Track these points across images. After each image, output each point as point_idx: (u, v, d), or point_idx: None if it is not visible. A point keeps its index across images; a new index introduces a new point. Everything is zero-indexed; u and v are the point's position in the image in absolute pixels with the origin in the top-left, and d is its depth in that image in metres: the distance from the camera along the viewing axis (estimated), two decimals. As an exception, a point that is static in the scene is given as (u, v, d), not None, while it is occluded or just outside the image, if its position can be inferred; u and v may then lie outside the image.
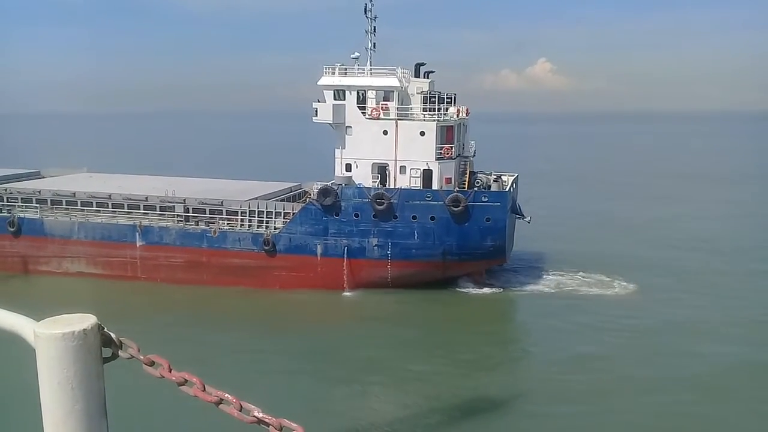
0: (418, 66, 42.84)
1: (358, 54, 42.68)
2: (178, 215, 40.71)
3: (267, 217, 39.66)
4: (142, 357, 2.06)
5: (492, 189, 39.62)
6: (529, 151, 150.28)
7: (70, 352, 1.89)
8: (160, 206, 41.19)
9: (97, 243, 41.22)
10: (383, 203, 37.24)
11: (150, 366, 2.07)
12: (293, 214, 39.04)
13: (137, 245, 40.70)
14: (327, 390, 26.94)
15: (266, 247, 38.60)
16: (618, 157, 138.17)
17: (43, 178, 50.81)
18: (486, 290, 39.34)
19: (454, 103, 42.46)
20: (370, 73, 41.68)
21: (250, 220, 39.77)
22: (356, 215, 37.88)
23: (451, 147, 39.74)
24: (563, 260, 44.94)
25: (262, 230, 39.23)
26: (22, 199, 42.98)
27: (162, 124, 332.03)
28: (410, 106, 40.65)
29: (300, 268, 38.50)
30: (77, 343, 1.90)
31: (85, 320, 1.97)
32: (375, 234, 37.86)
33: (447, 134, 40.32)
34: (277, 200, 41.62)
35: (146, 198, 41.73)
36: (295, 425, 1.83)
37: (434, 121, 39.38)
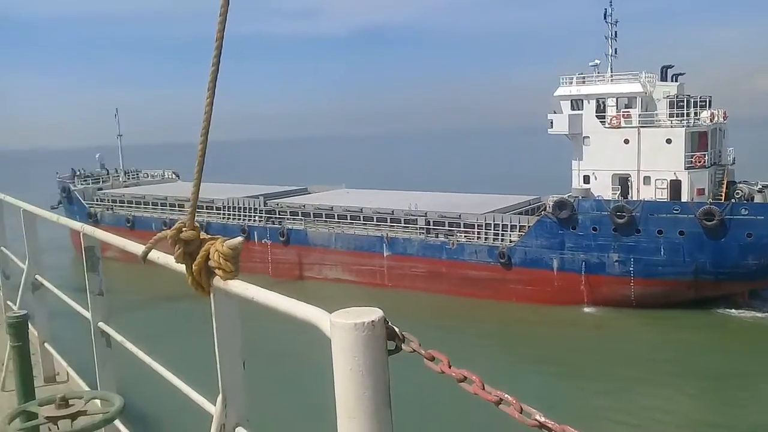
0: (664, 68, 40.02)
1: (598, 61, 41.32)
2: (420, 228, 43.14)
3: (503, 230, 40.12)
4: (423, 351, 2.09)
5: (755, 201, 35.27)
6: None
7: (361, 342, 2.00)
8: (405, 219, 44.06)
9: (351, 252, 45.42)
10: (624, 216, 35.36)
11: (431, 361, 2.10)
12: (528, 227, 38.98)
13: (384, 255, 44.00)
14: (576, 403, 25.93)
15: (501, 260, 39.07)
16: None
17: (309, 194, 57.47)
18: (753, 314, 34.94)
19: (709, 106, 38.79)
20: (611, 80, 39.98)
21: (486, 233, 40.60)
22: (594, 229, 36.52)
23: (704, 155, 36.29)
24: None
25: (498, 243, 39.80)
26: (290, 212, 49.20)
27: (416, 144, 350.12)
28: (655, 112, 38.08)
29: (536, 282, 38.23)
30: (367, 333, 2.01)
31: (373, 313, 2.07)
32: (615, 249, 36.07)
33: (699, 141, 36.94)
34: (513, 213, 41.90)
35: (392, 212, 44.96)
36: None
37: (683, 127, 36.36)
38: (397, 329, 2.11)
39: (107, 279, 5.55)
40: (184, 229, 2.91)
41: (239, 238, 2.91)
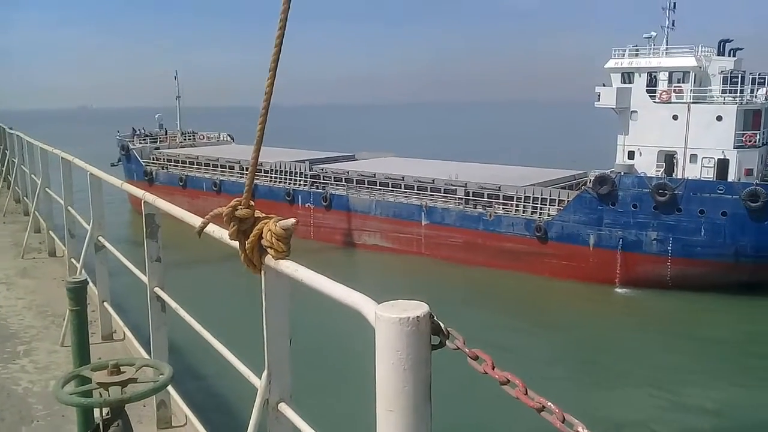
0: (722, 42, 38.25)
1: (654, 33, 39.86)
2: (458, 198, 43.14)
3: (541, 204, 39.70)
4: (467, 350, 2.05)
5: (809, 184, 33.67)
6: None
7: (404, 337, 1.98)
8: (444, 189, 44.09)
9: (390, 220, 45.90)
10: (665, 194, 34.42)
11: (474, 360, 2.05)
12: (567, 201, 38.43)
13: (422, 224, 44.28)
14: (596, 394, 25.32)
15: (538, 234, 38.74)
16: None
17: (356, 160, 58.06)
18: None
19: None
20: (665, 53, 38.58)
21: (524, 206, 40.27)
22: (634, 206, 35.70)
23: (755, 134, 34.79)
24: None
25: (536, 217, 39.44)
26: (334, 177, 49.95)
27: (475, 113, 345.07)
28: (709, 88, 36.61)
29: (571, 258, 37.79)
30: (411, 328, 1.98)
31: (419, 308, 2.04)
32: (654, 227, 35.22)
33: (753, 119, 35.40)
34: (554, 187, 41.32)
35: (433, 181, 45.05)
36: None
37: (735, 104, 34.88)
38: (442, 325, 2.09)
39: (163, 236, 5.79)
40: (239, 207, 2.95)
41: (292, 220, 2.93)
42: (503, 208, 40.95)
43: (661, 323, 32.33)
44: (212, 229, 3.38)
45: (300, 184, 51.28)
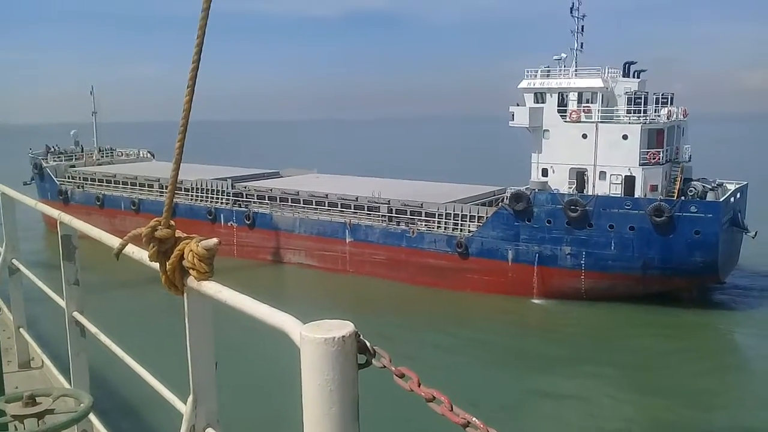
0: (627, 65, 40.28)
1: (564, 55, 41.49)
2: (382, 215, 43.44)
3: (462, 220, 40.49)
4: (393, 368, 2.07)
5: (708, 198, 35.78)
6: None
7: (330, 357, 1.97)
8: (368, 206, 44.32)
9: (314, 237, 45.72)
10: (577, 210, 35.81)
11: (401, 378, 2.07)
12: (486, 218, 39.35)
13: (347, 241, 44.32)
14: (516, 398, 26.60)
15: (459, 250, 39.47)
16: None
17: (280, 177, 57.56)
18: (699, 310, 35.52)
19: (671, 103, 39.18)
20: (574, 75, 40.23)
21: (446, 223, 40.96)
22: (549, 222, 36.95)
23: (659, 152, 36.70)
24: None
25: (456, 233, 40.17)
26: (257, 196, 49.37)
27: (400, 129, 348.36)
28: (615, 108, 38.40)
29: (491, 273, 38.68)
30: (337, 348, 1.97)
31: (345, 327, 2.03)
32: (568, 242, 36.55)
33: (656, 138, 37.34)
34: (475, 204, 42.23)
35: (356, 198, 45.19)
36: None
37: (639, 123, 36.72)
38: (368, 343, 2.08)
39: (81, 257, 5.53)
40: (159, 227, 2.86)
41: (215, 239, 2.84)
42: (426, 225, 41.52)
43: (573, 331, 33.76)
44: (132, 250, 3.27)
45: (222, 203, 50.40)
